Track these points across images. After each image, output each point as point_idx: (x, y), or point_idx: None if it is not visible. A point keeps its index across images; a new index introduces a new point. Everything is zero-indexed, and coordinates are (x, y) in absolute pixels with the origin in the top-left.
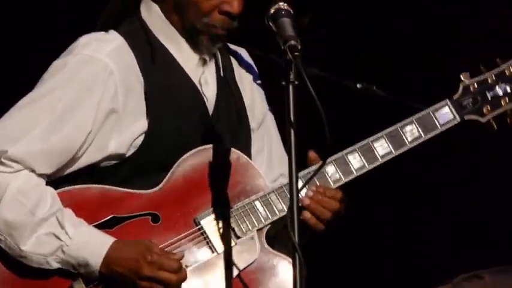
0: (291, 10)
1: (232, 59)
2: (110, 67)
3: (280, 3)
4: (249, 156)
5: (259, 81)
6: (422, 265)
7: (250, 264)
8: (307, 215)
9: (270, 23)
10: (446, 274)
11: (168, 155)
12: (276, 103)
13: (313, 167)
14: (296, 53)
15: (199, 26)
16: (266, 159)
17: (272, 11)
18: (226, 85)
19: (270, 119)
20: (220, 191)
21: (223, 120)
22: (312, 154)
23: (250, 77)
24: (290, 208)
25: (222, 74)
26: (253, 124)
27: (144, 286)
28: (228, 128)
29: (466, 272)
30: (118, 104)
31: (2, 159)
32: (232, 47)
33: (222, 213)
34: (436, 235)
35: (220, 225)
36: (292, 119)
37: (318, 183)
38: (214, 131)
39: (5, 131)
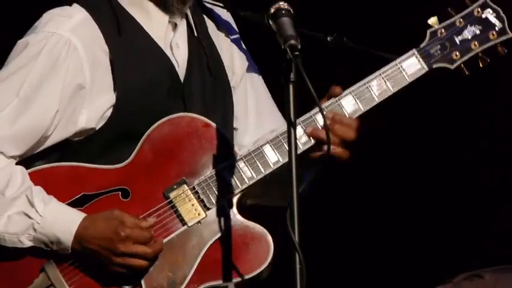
0: (291, 10)
1: (208, 18)
2: (73, 43)
3: (281, 3)
4: (232, 116)
5: (238, 39)
6: (423, 264)
7: (222, 234)
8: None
9: (270, 23)
10: (447, 273)
11: (138, 126)
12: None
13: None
14: (296, 53)
15: None
16: (254, 116)
17: (272, 10)
18: (200, 46)
19: (256, 73)
20: (189, 161)
21: (196, 84)
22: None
23: (228, 35)
24: (289, 207)
25: (195, 37)
26: (233, 82)
27: (119, 262)
28: (203, 91)
29: (466, 271)
30: (85, 79)
31: None
32: (209, 5)
33: (191, 184)
34: (437, 234)
35: (189, 197)
36: (292, 118)
37: None
38: (185, 98)
39: None
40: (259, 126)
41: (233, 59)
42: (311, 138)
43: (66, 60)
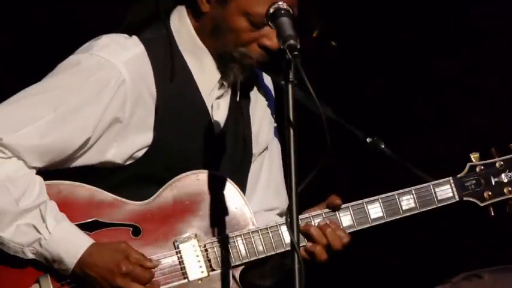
0: (291, 9)
1: (251, 82)
2: (124, 76)
3: (280, 3)
4: (246, 182)
5: (272, 108)
6: (422, 264)
7: None
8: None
9: (270, 23)
10: (446, 273)
11: (165, 172)
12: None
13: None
14: (295, 53)
15: (235, 54)
16: (262, 189)
17: (271, 10)
18: (238, 111)
19: (276, 148)
20: (206, 219)
21: (227, 146)
22: (334, 199)
23: (264, 103)
24: (289, 207)
25: (236, 101)
26: (255, 150)
27: None
28: (232, 155)
29: (465, 271)
30: (124, 114)
31: None
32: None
33: (203, 242)
34: (436, 234)
35: (198, 253)
36: (291, 118)
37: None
38: (215, 157)
39: (5, 117)
40: (262, 200)
41: (261, 128)
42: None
43: (112, 91)
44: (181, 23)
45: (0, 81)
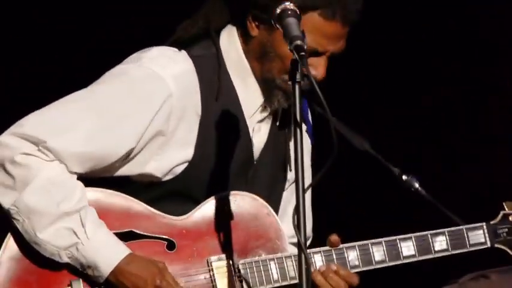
0: (297, 10)
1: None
2: (171, 89)
3: (287, 3)
4: (278, 206)
5: (309, 133)
6: (429, 264)
7: None
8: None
9: (276, 23)
10: (452, 274)
11: (203, 189)
12: None
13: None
14: (302, 53)
15: (278, 81)
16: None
17: (278, 11)
18: (277, 135)
19: (308, 174)
20: (241, 239)
21: (265, 169)
22: (334, 238)
23: (303, 127)
24: (296, 207)
25: (276, 126)
26: (290, 176)
27: None
28: (269, 179)
29: (472, 271)
30: (168, 128)
31: (40, 147)
32: None
33: (236, 262)
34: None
35: (230, 273)
36: (298, 118)
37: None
38: (253, 179)
39: (50, 120)
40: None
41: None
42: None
43: (159, 104)
44: (230, 43)
45: (0, 81)
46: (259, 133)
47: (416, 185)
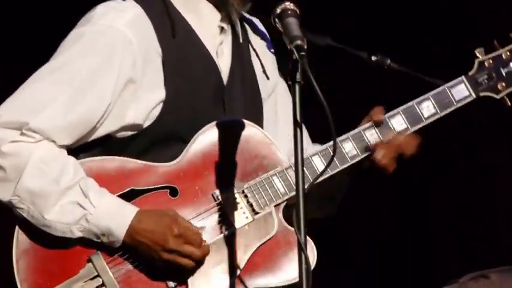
0: (297, 10)
1: (247, 27)
2: (129, 37)
3: (287, 3)
4: (261, 127)
5: (271, 50)
6: (429, 264)
7: (268, 239)
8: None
9: (276, 23)
10: (452, 273)
11: (184, 126)
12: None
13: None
14: (302, 53)
15: None
16: (284, 132)
17: (278, 10)
18: (241, 55)
19: (282, 88)
20: (238, 165)
21: (237, 91)
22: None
23: (263, 44)
24: (296, 207)
25: (238, 43)
26: (264, 94)
27: (168, 258)
28: (242, 99)
29: (472, 271)
30: (136, 74)
31: (24, 131)
32: (246, 15)
33: (240, 188)
34: (443, 234)
35: (238, 200)
36: (298, 118)
37: None
38: (229, 103)
39: (24, 102)
40: (286, 146)
41: (265, 70)
42: (360, 152)
43: (121, 54)
44: None
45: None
46: (223, 56)
47: (388, 61)
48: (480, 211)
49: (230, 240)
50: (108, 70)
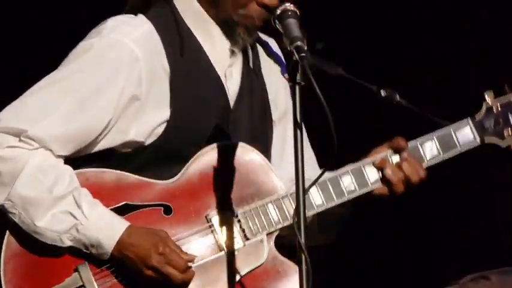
0: (297, 11)
1: (261, 49)
2: (136, 53)
3: (287, 4)
4: (267, 151)
5: (285, 75)
6: (429, 266)
7: (256, 267)
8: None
9: (276, 24)
10: (453, 275)
11: (187, 146)
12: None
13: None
14: (302, 54)
15: (235, 17)
16: (291, 157)
17: (278, 11)
18: (251, 78)
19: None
20: (235, 189)
21: (244, 114)
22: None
23: (277, 68)
24: (297, 208)
25: (249, 66)
26: (275, 117)
27: (149, 275)
28: (249, 123)
29: (472, 272)
30: (141, 91)
31: (22, 138)
32: (262, 36)
33: (234, 212)
34: (443, 235)
35: (231, 224)
36: (299, 119)
37: None
38: (234, 126)
39: (26, 109)
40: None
41: (278, 94)
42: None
43: (127, 70)
44: None
45: (0, 81)
46: (231, 79)
47: (397, 97)
48: (480, 212)
49: (217, 264)
50: (112, 85)
